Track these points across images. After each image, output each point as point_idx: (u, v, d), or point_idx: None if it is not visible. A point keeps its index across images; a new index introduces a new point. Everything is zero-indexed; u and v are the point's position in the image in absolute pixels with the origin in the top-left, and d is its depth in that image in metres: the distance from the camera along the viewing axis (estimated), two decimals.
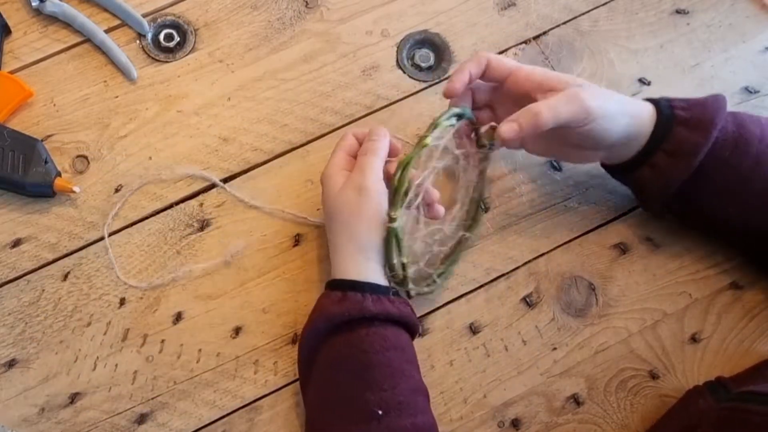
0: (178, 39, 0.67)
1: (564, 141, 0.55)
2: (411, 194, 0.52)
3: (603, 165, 0.60)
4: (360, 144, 0.57)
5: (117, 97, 0.65)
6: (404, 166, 0.52)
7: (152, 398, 0.57)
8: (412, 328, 0.54)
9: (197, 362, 0.58)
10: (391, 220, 0.51)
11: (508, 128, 0.51)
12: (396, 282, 0.54)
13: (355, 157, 0.57)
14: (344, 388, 0.50)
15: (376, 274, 0.53)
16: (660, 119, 0.53)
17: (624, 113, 0.53)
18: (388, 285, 0.54)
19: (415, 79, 0.67)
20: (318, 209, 0.62)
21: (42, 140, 0.62)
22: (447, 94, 0.55)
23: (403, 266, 0.53)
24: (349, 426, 0.48)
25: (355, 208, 0.52)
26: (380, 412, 0.47)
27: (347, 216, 0.53)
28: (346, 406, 0.49)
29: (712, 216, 0.56)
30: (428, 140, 0.52)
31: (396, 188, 0.52)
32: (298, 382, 0.57)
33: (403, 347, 0.52)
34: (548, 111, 0.50)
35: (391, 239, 0.52)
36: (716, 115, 0.52)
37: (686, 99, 0.55)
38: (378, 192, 0.53)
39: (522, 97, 0.54)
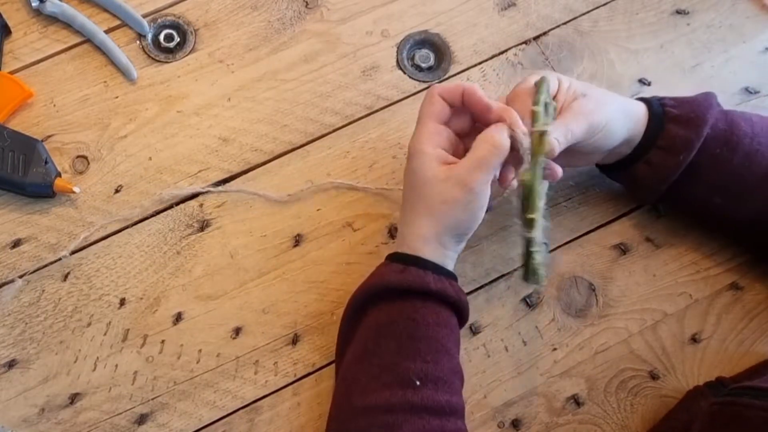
0: (178, 39, 0.67)
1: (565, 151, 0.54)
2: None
3: (597, 165, 0.60)
4: (449, 106, 0.53)
5: (117, 97, 0.65)
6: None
7: (152, 399, 0.57)
8: (463, 315, 0.53)
9: (197, 363, 0.58)
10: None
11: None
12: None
13: (445, 124, 0.53)
14: (387, 352, 0.49)
15: (447, 261, 0.53)
16: (652, 117, 0.54)
17: (625, 118, 0.54)
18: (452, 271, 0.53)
19: (415, 79, 0.67)
20: (318, 210, 0.62)
21: (42, 140, 0.62)
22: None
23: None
24: (384, 388, 0.48)
25: (454, 202, 0.50)
26: (418, 383, 0.47)
27: (440, 204, 0.50)
28: (386, 370, 0.49)
29: (703, 208, 0.57)
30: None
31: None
32: (297, 383, 0.57)
33: (451, 328, 0.52)
34: (563, 136, 0.50)
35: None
36: (707, 111, 0.54)
37: (676, 97, 0.56)
38: (485, 196, 0.50)
39: None
